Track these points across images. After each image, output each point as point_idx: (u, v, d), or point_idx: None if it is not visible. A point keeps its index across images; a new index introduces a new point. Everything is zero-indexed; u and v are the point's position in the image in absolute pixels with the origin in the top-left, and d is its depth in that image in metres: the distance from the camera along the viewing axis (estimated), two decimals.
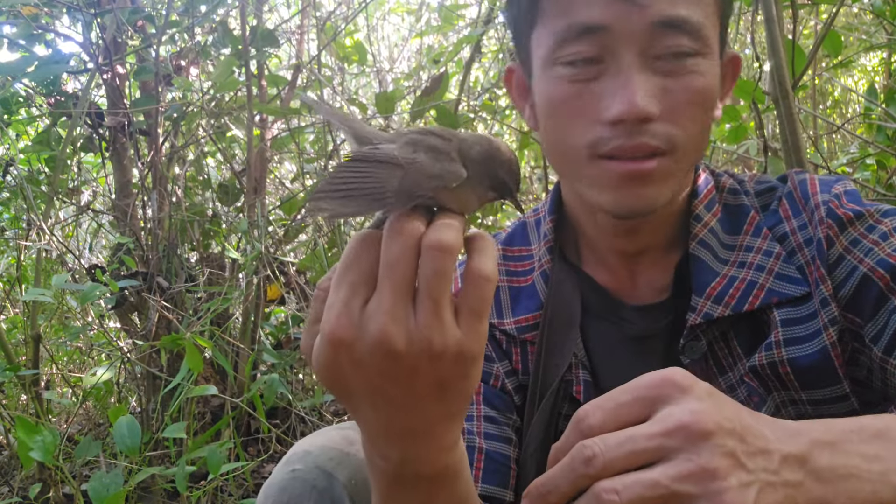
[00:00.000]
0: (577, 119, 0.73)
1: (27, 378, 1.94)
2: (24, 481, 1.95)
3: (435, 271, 0.48)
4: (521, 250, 0.90)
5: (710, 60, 0.73)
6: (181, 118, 2.41)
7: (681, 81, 0.71)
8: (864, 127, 2.41)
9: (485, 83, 3.15)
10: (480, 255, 0.51)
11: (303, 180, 2.74)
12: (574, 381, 0.81)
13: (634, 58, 0.70)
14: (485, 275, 0.50)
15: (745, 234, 0.80)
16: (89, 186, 2.80)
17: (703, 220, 0.81)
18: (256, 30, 2.32)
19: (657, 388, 0.51)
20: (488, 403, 0.82)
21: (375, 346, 0.48)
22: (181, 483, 1.51)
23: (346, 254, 0.51)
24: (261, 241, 2.15)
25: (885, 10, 1.99)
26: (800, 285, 0.76)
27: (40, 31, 2.30)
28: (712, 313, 0.77)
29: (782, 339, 0.75)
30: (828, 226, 0.76)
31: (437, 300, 0.48)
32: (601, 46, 0.71)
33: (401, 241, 0.48)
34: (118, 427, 1.46)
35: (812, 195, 0.79)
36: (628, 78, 0.70)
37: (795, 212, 0.80)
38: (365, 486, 0.79)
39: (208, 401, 2.15)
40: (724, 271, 0.78)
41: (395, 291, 0.48)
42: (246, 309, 2.22)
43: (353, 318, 0.49)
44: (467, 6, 2.95)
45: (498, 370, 0.84)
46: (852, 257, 0.74)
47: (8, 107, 2.34)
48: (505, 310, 0.86)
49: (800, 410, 0.76)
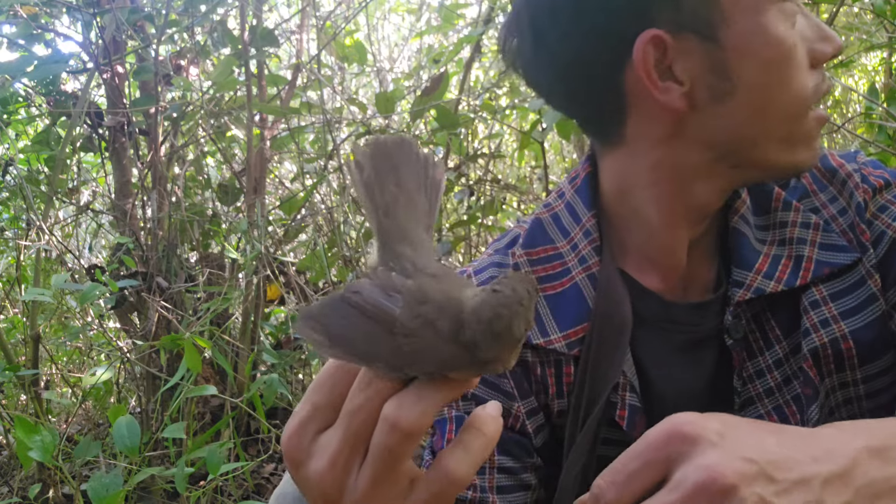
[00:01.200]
0: (803, 64, 0.69)
1: (26, 378, 1.94)
2: (23, 481, 1.95)
3: (384, 446, 0.43)
4: (546, 250, 0.79)
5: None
6: (181, 118, 2.41)
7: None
8: (865, 126, 2.41)
9: (485, 83, 3.15)
10: (460, 452, 0.44)
11: (303, 180, 2.74)
12: (619, 404, 0.73)
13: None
14: (452, 477, 0.43)
15: (774, 211, 0.76)
16: (89, 186, 2.80)
17: (742, 195, 0.77)
18: (256, 29, 2.32)
19: (665, 448, 0.48)
20: (503, 451, 0.74)
21: (314, 483, 0.46)
22: (181, 483, 1.50)
23: (323, 372, 0.47)
24: (260, 241, 2.15)
25: (886, 9, 1.99)
26: (848, 252, 0.72)
27: (40, 31, 2.30)
28: (764, 288, 0.71)
29: (837, 313, 0.71)
30: (864, 190, 0.74)
31: (378, 475, 0.44)
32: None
33: (365, 395, 0.44)
34: (118, 427, 1.46)
35: (839, 167, 0.77)
36: (817, 18, 0.69)
37: (821, 186, 0.77)
38: None
39: (208, 401, 2.15)
40: (765, 250, 0.74)
41: (345, 440, 0.45)
42: (245, 309, 2.21)
43: (304, 442, 0.46)
44: (468, 6, 2.94)
45: (519, 409, 0.74)
46: (880, 222, 0.73)
47: (7, 106, 2.33)
48: (548, 324, 0.75)
49: (849, 394, 0.72)
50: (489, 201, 2.95)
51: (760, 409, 0.74)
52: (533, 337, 0.74)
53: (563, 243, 0.78)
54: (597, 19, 0.67)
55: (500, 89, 3.03)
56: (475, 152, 3.01)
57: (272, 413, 2.17)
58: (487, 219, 3.00)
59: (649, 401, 0.74)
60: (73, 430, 2.32)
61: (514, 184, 3.25)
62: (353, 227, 2.56)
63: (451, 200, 3.13)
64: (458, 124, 2.30)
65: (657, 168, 0.72)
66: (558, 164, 3.79)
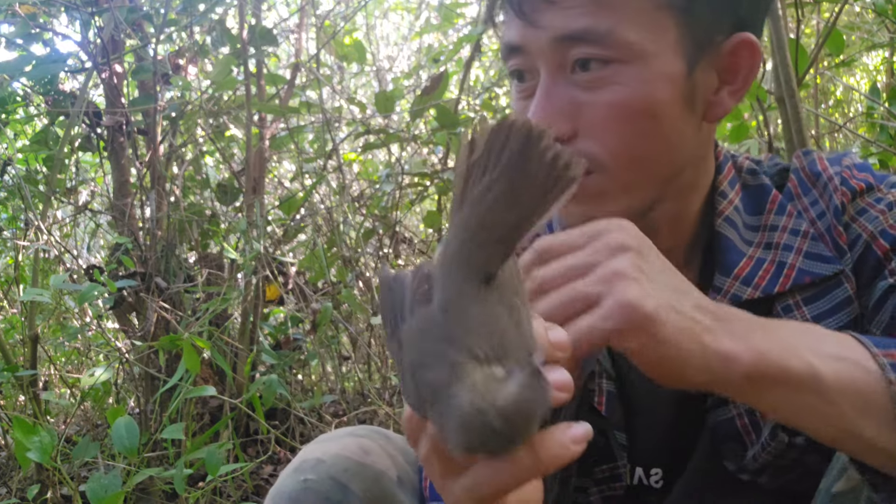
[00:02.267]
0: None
1: (25, 379, 1.93)
2: (21, 482, 1.94)
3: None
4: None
5: (637, 67, 0.66)
6: (179, 117, 2.40)
7: (598, 95, 0.67)
8: (867, 126, 2.41)
9: (485, 82, 3.14)
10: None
11: (302, 180, 2.73)
12: (597, 392, 0.76)
13: (548, 75, 0.69)
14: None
15: (768, 213, 0.77)
16: (87, 186, 2.79)
17: (729, 196, 0.77)
18: (255, 28, 2.31)
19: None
20: None
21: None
22: (179, 484, 1.50)
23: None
24: (259, 241, 2.14)
25: (888, 8, 1.98)
26: (832, 263, 0.73)
27: (38, 30, 2.29)
28: (741, 295, 0.72)
29: (810, 317, 0.72)
30: (842, 193, 0.74)
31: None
32: (529, 62, 0.71)
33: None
34: (116, 428, 1.45)
35: (823, 171, 0.77)
36: (537, 97, 0.69)
37: (805, 189, 0.78)
38: (381, 500, 0.76)
39: (207, 402, 2.14)
40: (750, 252, 0.75)
41: (425, 454, 0.48)
42: (245, 309, 2.21)
43: (413, 425, 0.49)
44: (467, 4, 2.94)
45: None
46: (857, 225, 0.73)
47: (5, 106, 2.33)
48: None
49: None
50: None
51: (733, 411, 0.74)
52: None
53: None
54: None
55: (500, 88, 3.03)
56: None
57: (271, 414, 2.16)
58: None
59: (623, 386, 0.77)
60: (71, 430, 2.32)
61: None
62: (353, 226, 2.56)
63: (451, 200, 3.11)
64: (458, 124, 2.29)
65: None
66: None
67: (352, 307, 2.42)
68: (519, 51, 0.70)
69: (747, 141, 2.07)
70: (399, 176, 2.68)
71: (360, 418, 2.27)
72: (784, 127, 1.47)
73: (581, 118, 0.68)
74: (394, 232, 2.78)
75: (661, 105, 0.68)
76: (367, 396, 2.32)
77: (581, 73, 0.67)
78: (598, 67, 0.66)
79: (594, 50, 0.66)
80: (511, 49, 0.71)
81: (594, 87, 0.67)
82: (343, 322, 2.42)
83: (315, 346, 2.29)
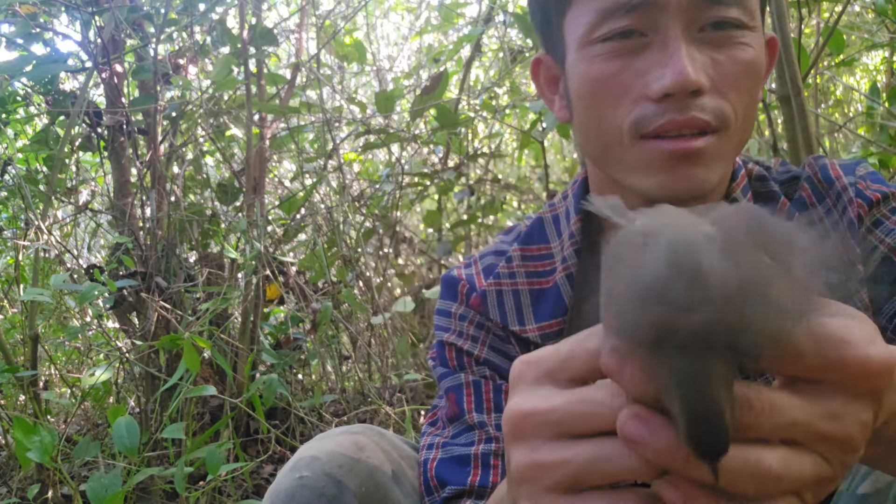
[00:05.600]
0: (620, 97, 0.69)
1: (25, 378, 1.93)
2: (22, 482, 1.94)
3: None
4: (540, 249, 0.84)
5: (756, 34, 0.70)
6: (180, 117, 2.41)
7: (730, 53, 0.68)
8: (867, 126, 2.41)
9: (485, 82, 3.14)
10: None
11: (302, 180, 2.73)
12: None
13: (680, 30, 0.67)
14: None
15: None
16: (87, 186, 2.79)
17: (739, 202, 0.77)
18: (255, 28, 2.31)
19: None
20: (500, 409, 0.80)
21: None
22: (180, 484, 1.50)
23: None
24: (260, 240, 2.14)
25: (888, 8, 1.98)
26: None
27: (38, 30, 2.29)
28: None
29: None
30: (858, 205, 0.75)
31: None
32: (646, 20, 0.68)
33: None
34: (117, 427, 1.45)
35: (836, 179, 0.77)
36: (677, 49, 0.66)
37: (819, 197, 0.77)
38: (376, 494, 0.77)
39: (207, 401, 2.14)
40: None
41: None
42: (245, 309, 2.21)
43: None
44: (467, 4, 2.94)
45: (507, 388, 0.80)
46: (874, 237, 0.73)
47: (6, 106, 2.33)
48: (526, 315, 0.81)
49: None
50: (489, 201, 2.95)
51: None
52: (511, 323, 0.81)
53: (556, 243, 0.84)
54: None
55: (500, 88, 3.03)
56: (475, 152, 3.01)
57: (271, 413, 2.17)
58: (487, 218, 3.00)
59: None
60: (71, 430, 2.32)
61: (514, 183, 3.24)
62: (353, 226, 2.56)
63: (451, 200, 3.12)
64: (458, 124, 2.30)
65: (592, 175, 0.82)
66: (558, 164, 3.79)
67: (352, 307, 2.42)
68: (642, 6, 0.67)
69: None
70: (399, 176, 2.69)
71: (361, 418, 2.27)
72: (786, 126, 1.46)
73: (712, 75, 0.68)
74: (394, 232, 2.78)
75: (762, 73, 0.72)
76: (367, 396, 2.32)
77: (714, 32, 0.68)
78: (732, 29, 0.68)
79: (731, 13, 0.68)
80: (632, 6, 0.68)
81: (724, 46, 0.68)
82: (343, 322, 2.42)
83: (315, 346, 2.29)
